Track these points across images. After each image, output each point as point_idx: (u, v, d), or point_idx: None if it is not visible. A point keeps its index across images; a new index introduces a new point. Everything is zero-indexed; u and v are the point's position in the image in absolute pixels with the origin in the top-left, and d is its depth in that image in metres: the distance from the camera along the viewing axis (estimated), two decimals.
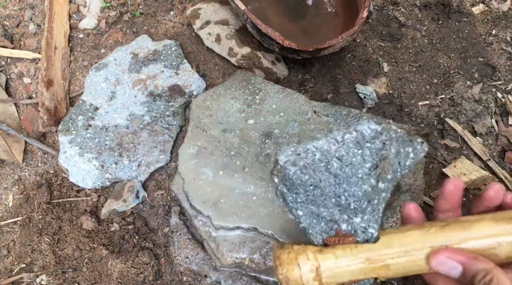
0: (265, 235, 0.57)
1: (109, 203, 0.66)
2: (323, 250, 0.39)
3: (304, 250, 0.39)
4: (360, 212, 0.39)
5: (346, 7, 0.77)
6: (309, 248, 0.39)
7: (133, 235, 0.65)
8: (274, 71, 0.75)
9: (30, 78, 0.79)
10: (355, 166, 0.38)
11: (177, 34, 0.81)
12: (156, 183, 0.69)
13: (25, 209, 0.68)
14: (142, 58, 0.76)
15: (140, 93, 0.73)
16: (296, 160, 0.38)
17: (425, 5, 0.84)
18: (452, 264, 0.37)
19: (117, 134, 0.70)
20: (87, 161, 0.68)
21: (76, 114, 0.72)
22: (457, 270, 0.37)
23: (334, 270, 0.38)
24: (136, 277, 0.62)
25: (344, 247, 0.39)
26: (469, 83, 0.76)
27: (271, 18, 0.78)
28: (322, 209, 0.39)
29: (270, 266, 0.57)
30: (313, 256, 0.38)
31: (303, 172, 0.39)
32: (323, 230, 0.40)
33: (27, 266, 0.64)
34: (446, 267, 0.37)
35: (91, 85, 0.74)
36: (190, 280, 0.62)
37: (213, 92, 0.69)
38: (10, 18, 0.84)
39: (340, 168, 0.39)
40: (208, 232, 0.59)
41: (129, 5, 0.84)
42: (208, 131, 0.65)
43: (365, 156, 0.38)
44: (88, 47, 0.81)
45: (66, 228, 0.66)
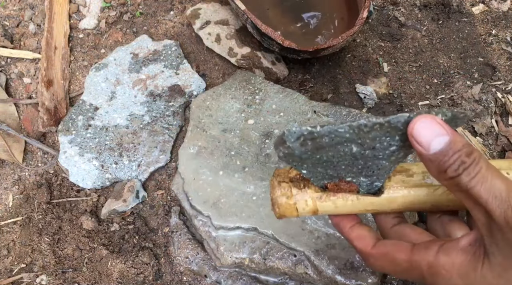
0: (265, 235, 0.57)
1: (109, 203, 0.66)
2: (323, 197, 0.37)
3: (303, 196, 0.37)
4: (369, 176, 0.37)
5: (346, 7, 0.77)
6: (309, 193, 0.37)
7: (133, 235, 0.65)
8: (274, 71, 0.75)
9: (30, 78, 0.79)
10: (377, 150, 0.34)
11: (177, 34, 0.81)
12: (156, 183, 0.69)
13: (25, 209, 0.68)
14: (142, 58, 0.76)
15: (140, 93, 0.73)
16: (308, 142, 0.33)
17: (425, 5, 0.84)
18: (440, 130, 0.29)
19: (117, 134, 0.70)
20: (87, 161, 0.68)
21: (76, 114, 0.72)
22: (443, 139, 0.29)
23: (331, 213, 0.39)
24: (136, 277, 0.62)
25: (345, 197, 0.37)
26: (469, 83, 0.76)
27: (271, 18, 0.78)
28: (329, 170, 0.37)
29: (270, 266, 0.57)
30: (312, 203, 0.37)
31: (314, 152, 0.34)
32: (326, 178, 0.37)
33: (27, 266, 0.64)
34: (431, 132, 0.29)
35: (91, 85, 0.74)
36: (190, 280, 0.62)
37: (213, 92, 0.69)
38: (10, 18, 0.84)
39: (360, 151, 0.34)
40: (208, 232, 0.59)
41: (129, 5, 0.84)
42: (208, 131, 0.65)
43: (393, 141, 0.33)
44: (88, 47, 0.81)
45: (66, 228, 0.66)
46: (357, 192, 0.37)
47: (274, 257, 0.57)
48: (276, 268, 0.56)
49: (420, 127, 0.29)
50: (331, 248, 0.56)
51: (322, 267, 0.55)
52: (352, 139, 0.33)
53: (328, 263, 0.55)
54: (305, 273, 0.56)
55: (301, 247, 0.56)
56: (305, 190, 0.37)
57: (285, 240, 0.56)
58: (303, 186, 0.38)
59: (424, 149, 0.29)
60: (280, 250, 0.57)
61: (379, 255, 0.35)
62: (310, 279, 0.56)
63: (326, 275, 0.55)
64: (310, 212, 0.38)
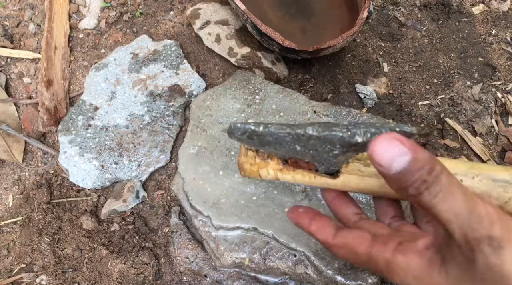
0: (265, 235, 0.57)
1: (109, 203, 0.66)
2: (284, 170, 0.39)
3: (266, 165, 0.40)
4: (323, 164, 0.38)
5: (346, 7, 0.77)
6: (271, 164, 0.40)
7: (133, 235, 0.65)
8: (274, 71, 0.75)
9: (30, 78, 0.79)
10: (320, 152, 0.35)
11: (177, 34, 0.81)
12: (156, 183, 0.69)
13: (25, 209, 0.68)
14: (142, 58, 0.76)
15: (140, 93, 0.73)
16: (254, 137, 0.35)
17: (425, 5, 0.84)
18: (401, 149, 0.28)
19: (117, 134, 0.70)
20: (87, 161, 0.68)
21: (76, 114, 0.72)
22: (404, 159, 0.28)
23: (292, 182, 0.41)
24: (136, 277, 0.62)
25: (304, 173, 0.39)
26: (469, 83, 0.76)
27: (271, 18, 0.78)
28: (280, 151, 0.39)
29: (270, 266, 0.57)
30: (273, 172, 0.40)
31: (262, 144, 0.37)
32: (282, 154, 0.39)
33: (27, 266, 0.64)
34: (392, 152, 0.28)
35: (91, 85, 0.74)
36: (190, 280, 0.62)
37: (213, 92, 0.69)
38: (10, 18, 0.84)
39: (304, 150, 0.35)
40: (208, 232, 0.59)
41: (129, 5, 0.84)
42: (208, 131, 0.65)
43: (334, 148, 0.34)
44: (88, 47, 0.81)
45: (66, 228, 0.66)
46: (316, 171, 0.39)
47: (274, 257, 0.57)
48: (276, 268, 0.56)
49: (379, 149, 0.28)
50: None
51: (322, 267, 0.55)
52: (293, 142, 0.35)
53: (328, 263, 0.55)
54: (305, 273, 0.56)
55: (301, 247, 0.56)
56: (267, 161, 0.40)
57: (285, 240, 0.56)
58: (267, 156, 0.40)
59: (385, 170, 0.29)
60: (280, 250, 0.57)
61: (340, 246, 0.36)
62: (310, 279, 0.56)
63: (326, 275, 0.55)
64: (271, 179, 0.41)
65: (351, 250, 0.35)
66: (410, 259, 0.31)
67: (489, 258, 0.27)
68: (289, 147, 0.36)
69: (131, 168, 0.68)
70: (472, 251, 0.27)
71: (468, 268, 0.28)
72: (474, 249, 0.27)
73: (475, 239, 0.27)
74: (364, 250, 0.34)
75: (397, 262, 0.32)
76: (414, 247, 0.32)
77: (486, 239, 0.27)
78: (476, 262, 0.27)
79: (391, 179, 0.29)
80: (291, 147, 0.35)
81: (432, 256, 0.31)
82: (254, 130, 0.34)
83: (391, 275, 0.32)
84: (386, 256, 0.32)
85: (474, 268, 0.28)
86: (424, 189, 0.28)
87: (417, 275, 0.31)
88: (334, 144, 0.33)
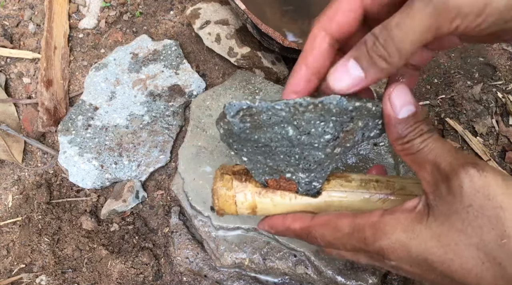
0: (265, 235, 0.57)
1: (108, 203, 0.66)
2: (262, 193, 0.38)
3: (243, 189, 0.38)
4: (307, 171, 0.37)
5: None
6: (249, 188, 0.38)
7: (133, 235, 0.65)
8: (274, 71, 0.74)
9: (29, 78, 0.79)
10: (312, 136, 0.34)
11: (177, 34, 0.81)
12: (156, 183, 0.69)
13: (24, 209, 0.68)
14: (142, 58, 0.76)
15: (140, 93, 0.73)
16: (247, 118, 0.33)
17: None
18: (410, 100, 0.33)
19: (117, 134, 0.70)
20: (86, 161, 0.68)
21: (76, 114, 0.72)
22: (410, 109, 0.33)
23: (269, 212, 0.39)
24: (136, 278, 0.62)
25: (284, 195, 0.38)
26: (470, 83, 0.76)
27: (271, 18, 0.78)
28: (268, 160, 0.37)
29: (270, 267, 0.56)
30: (251, 197, 0.38)
31: (253, 131, 0.34)
32: (266, 172, 0.38)
33: (26, 267, 0.64)
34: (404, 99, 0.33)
35: (90, 85, 0.74)
36: (190, 280, 0.62)
37: (213, 92, 0.69)
38: (10, 18, 0.84)
39: (296, 136, 0.34)
40: (208, 232, 0.59)
41: (129, 5, 0.84)
42: (208, 131, 0.65)
43: (327, 128, 0.33)
44: (87, 47, 0.81)
45: (66, 228, 0.66)
46: (296, 192, 0.38)
47: (274, 257, 0.56)
48: (276, 268, 0.56)
49: (398, 91, 0.33)
50: None
51: (322, 267, 0.55)
52: (288, 119, 0.33)
53: (328, 263, 0.55)
54: (305, 273, 0.56)
55: (301, 247, 0.56)
56: (245, 184, 0.38)
57: (285, 240, 0.56)
58: (245, 180, 0.39)
59: (394, 112, 0.33)
60: (280, 250, 0.57)
61: (319, 224, 0.36)
62: (310, 279, 0.56)
63: (326, 276, 0.55)
64: (249, 208, 0.39)
65: (332, 225, 0.35)
66: (399, 215, 0.32)
67: (474, 178, 0.28)
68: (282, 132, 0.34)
69: (131, 168, 0.68)
70: (458, 175, 0.29)
71: (454, 200, 0.29)
72: (460, 172, 0.29)
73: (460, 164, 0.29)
74: (347, 222, 0.34)
75: (384, 220, 0.32)
76: (401, 207, 0.33)
77: (470, 164, 0.29)
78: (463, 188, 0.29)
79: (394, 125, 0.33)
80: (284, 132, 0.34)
81: (420, 209, 0.32)
82: (250, 105, 0.32)
83: (377, 237, 0.32)
84: (373, 219, 0.33)
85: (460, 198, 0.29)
86: (419, 135, 0.32)
87: (406, 225, 0.31)
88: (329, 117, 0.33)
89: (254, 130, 0.34)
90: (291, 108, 0.32)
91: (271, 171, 0.38)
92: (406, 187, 0.38)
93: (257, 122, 0.33)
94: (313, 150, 0.35)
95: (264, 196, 0.38)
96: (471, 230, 0.28)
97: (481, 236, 0.28)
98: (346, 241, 0.34)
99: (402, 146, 0.33)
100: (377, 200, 0.37)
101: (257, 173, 0.38)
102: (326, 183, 0.38)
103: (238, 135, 0.34)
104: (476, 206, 0.28)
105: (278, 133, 0.34)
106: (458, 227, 0.29)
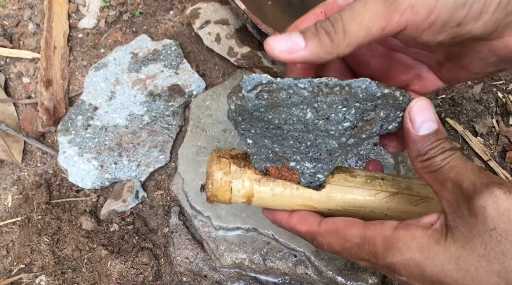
0: (265, 236, 0.57)
1: (108, 203, 0.66)
2: (262, 182, 0.35)
3: (241, 175, 0.35)
4: (315, 160, 0.34)
5: None
6: (247, 175, 0.35)
7: (133, 236, 0.64)
8: (274, 70, 0.74)
9: (29, 78, 0.78)
10: (331, 121, 0.32)
11: (177, 34, 0.81)
12: (155, 183, 0.69)
13: (24, 209, 0.68)
14: (142, 57, 0.76)
15: (139, 93, 0.73)
16: (264, 94, 0.30)
17: None
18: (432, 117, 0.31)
19: (117, 134, 0.70)
20: (86, 161, 0.68)
21: (76, 114, 0.72)
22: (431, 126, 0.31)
23: (266, 203, 0.36)
24: (136, 278, 0.62)
25: (285, 185, 0.35)
26: (470, 83, 0.76)
27: (271, 17, 0.78)
28: (276, 145, 0.34)
29: (270, 267, 0.56)
30: (249, 185, 0.35)
31: (267, 110, 0.31)
32: (269, 159, 0.35)
33: (26, 267, 0.64)
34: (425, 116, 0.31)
35: (90, 85, 0.74)
36: (190, 280, 0.62)
37: (212, 92, 0.69)
38: (9, 17, 0.83)
39: (313, 120, 0.31)
40: (208, 232, 0.59)
41: (129, 4, 0.84)
42: (208, 131, 0.65)
43: (348, 115, 0.31)
44: (87, 46, 0.81)
45: (66, 229, 0.66)
46: (298, 183, 0.35)
47: (274, 257, 0.56)
48: (276, 268, 0.56)
49: (419, 106, 0.32)
50: None
51: (322, 267, 0.54)
52: (309, 101, 0.31)
53: (328, 263, 0.55)
54: (305, 273, 0.56)
55: (301, 247, 0.56)
56: (244, 170, 0.35)
57: (285, 241, 0.56)
58: (243, 165, 0.36)
59: (414, 129, 0.31)
60: (280, 250, 0.57)
61: (327, 232, 0.34)
62: (310, 279, 0.56)
63: (326, 276, 0.55)
64: (244, 197, 0.35)
65: (340, 234, 0.33)
66: (414, 231, 0.30)
67: (500, 200, 0.27)
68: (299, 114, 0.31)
69: (131, 168, 0.68)
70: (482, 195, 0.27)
71: (476, 223, 0.27)
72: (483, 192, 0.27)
73: (484, 184, 0.27)
74: (357, 232, 0.32)
75: (398, 236, 0.30)
76: (417, 222, 0.31)
77: (496, 183, 0.27)
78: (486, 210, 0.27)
79: (414, 142, 0.31)
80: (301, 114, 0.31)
81: (437, 227, 0.30)
82: (270, 80, 0.29)
83: (389, 253, 0.30)
84: (386, 233, 0.31)
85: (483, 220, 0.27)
86: (440, 152, 0.30)
87: (422, 245, 0.29)
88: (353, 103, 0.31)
89: (269, 109, 0.31)
90: (315, 88, 0.30)
91: (275, 158, 0.35)
92: (413, 188, 0.37)
93: (275, 100, 0.30)
94: (328, 138, 0.33)
95: (264, 184, 0.35)
96: (493, 256, 0.27)
97: (503, 263, 0.26)
98: (354, 252, 0.33)
99: (422, 163, 0.31)
100: (382, 199, 0.36)
101: (259, 159, 0.35)
102: (330, 177, 0.36)
103: (250, 113, 0.31)
104: (500, 230, 0.26)
105: (294, 115, 0.31)
106: (479, 251, 0.27)
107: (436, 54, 0.35)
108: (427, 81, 0.37)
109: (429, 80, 0.37)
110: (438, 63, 0.36)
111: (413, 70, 0.37)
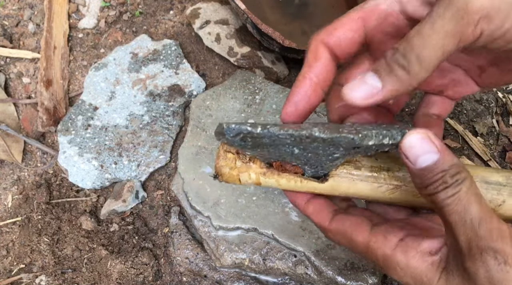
0: (265, 236, 0.57)
1: (108, 203, 0.66)
2: (267, 174, 0.37)
3: (247, 169, 0.37)
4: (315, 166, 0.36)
5: (346, 6, 0.77)
6: (253, 168, 0.37)
7: (133, 236, 0.64)
8: (274, 70, 0.74)
9: (29, 78, 0.78)
10: (320, 154, 0.33)
11: (177, 34, 0.81)
12: (155, 183, 0.69)
13: (24, 209, 0.68)
14: (142, 57, 0.76)
15: (139, 93, 0.73)
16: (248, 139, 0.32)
17: None
18: (431, 148, 0.28)
19: (117, 134, 0.70)
20: (86, 161, 0.68)
21: (76, 114, 0.72)
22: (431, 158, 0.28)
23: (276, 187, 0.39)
24: (136, 278, 0.62)
25: (290, 177, 0.37)
26: None
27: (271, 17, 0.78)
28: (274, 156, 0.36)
29: (270, 267, 0.56)
30: (255, 177, 0.37)
31: (255, 146, 0.33)
32: (271, 157, 0.36)
33: (26, 267, 0.64)
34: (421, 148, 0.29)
35: (90, 85, 0.74)
36: (190, 280, 0.62)
37: (213, 92, 0.69)
38: (9, 17, 0.83)
39: (302, 153, 0.33)
40: (208, 232, 0.59)
41: (129, 4, 0.84)
42: (208, 131, 0.65)
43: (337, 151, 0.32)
44: (87, 46, 0.81)
45: (66, 229, 0.66)
46: (302, 175, 0.37)
47: (274, 257, 0.56)
48: (276, 268, 0.56)
49: (411, 141, 0.29)
50: (332, 248, 0.56)
51: (322, 267, 0.54)
52: (294, 144, 0.32)
53: (328, 263, 0.55)
54: (305, 273, 0.56)
55: (301, 247, 0.56)
56: (249, 165, 0.37)
57: (285, 241, 0.56)
58: (249, 160, 0.37)
59: (411, 164, 0.29)
60: (280, 250, 0.57)
61: (336, 231, 0.35)
62: (310, 279, 0.56)
63: (326, 276, 0.55)
64: (253, 184, 0.38)
65: (347, 238, 0.34)
66: (411, 258, 0.30)
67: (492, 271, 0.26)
68: (286, 150, 0.33)
69: (131, 168, 0.68)
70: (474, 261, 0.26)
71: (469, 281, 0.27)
72: (476, 258, 0.26)
73: (479, 248, 0.26)
74: (362, 240, 0.33)
75: (396, 260, 0.30)
76: (417, 247, 0.30)
77: (491, 251, 0.26)
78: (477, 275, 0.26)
79: (415, 175, 0.30)
80: (288, 150, 0.33)
81: (435, 261, 0.30)
82: (251, 131, 0.31)
83: (389, 271, 0.31)
84: (386, 252, 0.31)
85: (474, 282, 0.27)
86: (442, 189, 0.28)
87: (416, 276, 0.30)
88: (339, 147, 0.31)
89: (257, 146, 0.33)
90: (297, 139, 0.31)
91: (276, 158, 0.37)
92: None
93: (259, 142, 0.32)
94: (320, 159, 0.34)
95: (270, 177, 0.37)
96: None
97: None
98: (362, 255, 0.34)
99: (425, 196, 0.30)
100: (386, 191, 0.36)
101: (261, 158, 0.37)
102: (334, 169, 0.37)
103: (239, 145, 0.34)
104: None
105: (282, 150, 0.33)
106: None
107: (480, 58, 0.34)
108: (463, 86, 0.36)
109: (465, 85, 0.36)
110: (479, 67, 0.34)
111: (450, 74, 0.36)
